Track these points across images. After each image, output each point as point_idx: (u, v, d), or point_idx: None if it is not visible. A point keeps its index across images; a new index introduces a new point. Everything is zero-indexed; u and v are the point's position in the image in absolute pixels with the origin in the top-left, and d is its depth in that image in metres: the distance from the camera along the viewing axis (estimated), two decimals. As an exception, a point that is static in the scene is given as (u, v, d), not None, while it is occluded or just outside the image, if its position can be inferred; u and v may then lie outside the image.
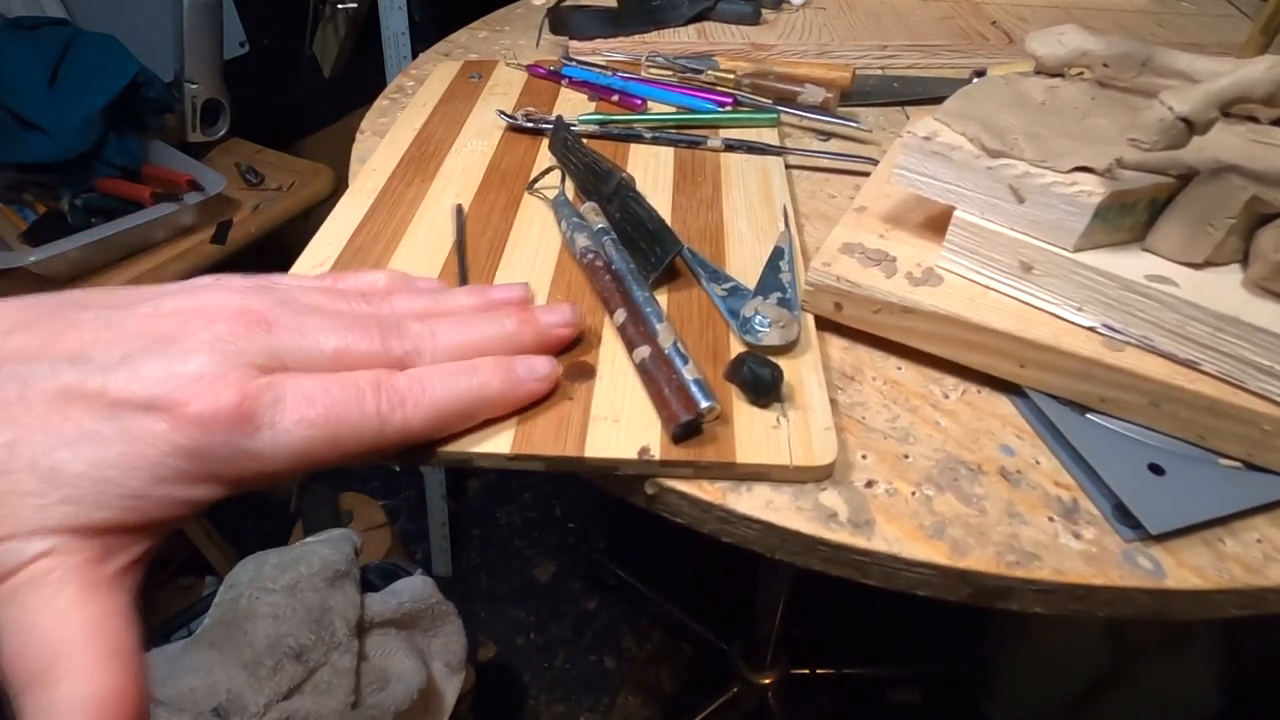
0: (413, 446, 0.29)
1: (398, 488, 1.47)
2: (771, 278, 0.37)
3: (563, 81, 0.59)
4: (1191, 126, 0.28)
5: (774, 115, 0.53)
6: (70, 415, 0.21)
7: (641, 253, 0.38)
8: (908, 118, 0.58)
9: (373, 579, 0.85)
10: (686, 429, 0.29)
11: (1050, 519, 0.29)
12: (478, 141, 0.51)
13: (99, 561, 0.21)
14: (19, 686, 0.20)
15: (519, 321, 0.31)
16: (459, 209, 0.42)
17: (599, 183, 0.43)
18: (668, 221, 0.40)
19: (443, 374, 0.28)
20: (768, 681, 1.09)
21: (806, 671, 1.15)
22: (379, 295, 0.31)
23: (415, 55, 0.78)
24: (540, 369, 0.30)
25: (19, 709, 0.19)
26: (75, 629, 0.20)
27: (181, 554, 1.17)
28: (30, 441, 0.21)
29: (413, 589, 0.83)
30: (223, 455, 0.23)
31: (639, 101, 0.55)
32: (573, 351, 0.34)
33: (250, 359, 0.24)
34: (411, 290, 0.32)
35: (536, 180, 0.46)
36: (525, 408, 0.30)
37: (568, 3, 0.71)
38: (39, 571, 0.20)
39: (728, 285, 0.37)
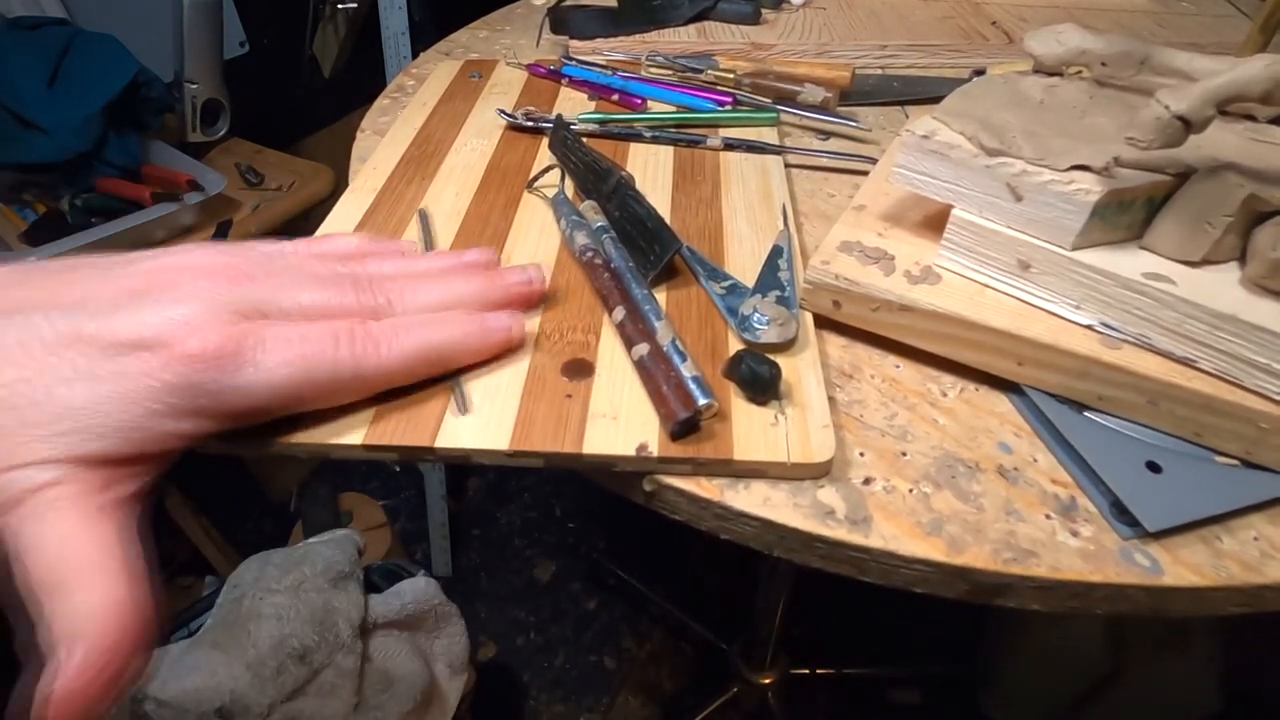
0: (409, 446, 0.29)
1: (398, 488, 1.47)
2: (770, 276, 0.38)
3: (563, 81, 0.59)
4: (1188, 125, 0.28)
5: (774, 114, 0.53)
6: (68, 357, 0.23)
7: (640, 251, 0.38)
8: (907, 117, 0.58)
9: (376, 580, 0.85)
10: (684, 426, 0.29)
11: (1048, 516, 0.29)
12: (478, 140, 0.51)
13: (101, 490, 0.23)
14: (34, 604, 0.21)
15: (486, 279, 0.34)
16: (422, 214, 0.43)
17: (598, 181, 0.43)
18: (667, 220, 0.40)
19: (415, 322, 0.30)
20: (768, 681, 1.09)
21: (806, 671, 1.15)
22: (354, 258, 0.33)
23: (415, 55, 0.78)
24: (505, 320, 0.33)
25: (38, 624, 0.21)
26: (84, 548, 0.22)
27: (181, 554, 1.17)
28: (32, 381, 0.23)
29: (416, 590, 0.83)
30: (209, 390, 0.25)
31: (639, 101, 0.55)
32: (571, 349, 0.34)
33: (234, 307, 0.26)
34: (384, 253, 0.35)
35: (536, 179, 0.46)
36: (495, 357, 0.33)
37: (568, 2, 0.71)
38: (47, 498, 0.22)
39: (726, 283, 0.37)
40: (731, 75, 0.57)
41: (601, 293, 0.36)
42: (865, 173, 0.49)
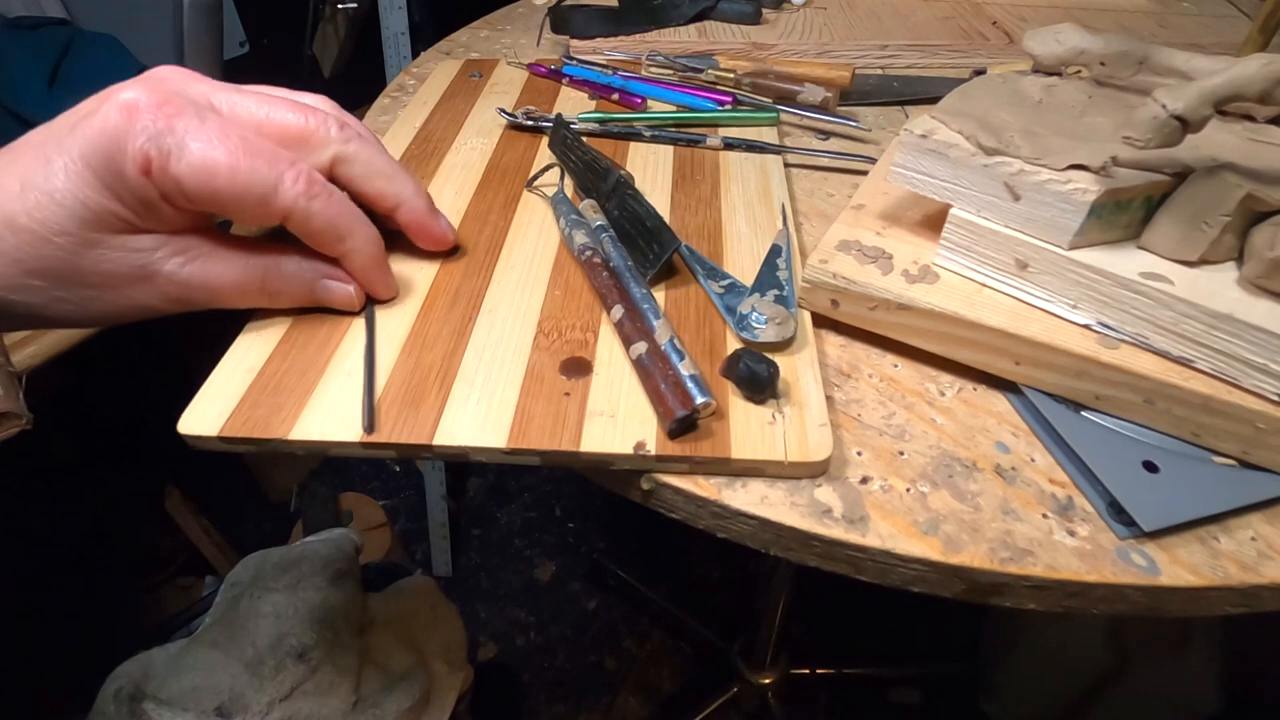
0: (407, 444, 0.29)
1: (398, 488, 1.47)
2: (769, 275, 0.38)
3: (563, 80, 0.59)
4: (1185, 124, 0.28)
5: (774, 114, 0.53)
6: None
7: (639, 250, 0.38)
8: (907, 117, 0.58)
9: (373, 578, 0.85)
10: (682, 424, 0.29)
11: (1044, 516, 0.29)
12: (478, 139, 0.51)
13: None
14: None
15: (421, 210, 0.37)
16: (369, 305, 0.36)
17: (598, 180, 0.43)
18: (666, 219, 0.40)
19: (347, 202, 0.33)
20: (768, 681, 1.10)
21: (806, 671, 1.15)
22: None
23: (415, 55, 0.78)
24: (385, 278, 0.36)
25: None
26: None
27: (181, 554, 1.17)
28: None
29: (413, 588, 0.84)
30: (134, 146, 0.28)
31: (639, 100, 0.55)
32: (569, 347, 0.34)
33: (185, 95, 0.30)
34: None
35: (536, 178, 0.46)
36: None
37: (569, 2, 0.71)
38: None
39: (725, 282, 0.38)
40: (731, 75, 0.57)
41: (600, 291, 0.36)
42: (865, 172, 0.49)
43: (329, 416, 0.30)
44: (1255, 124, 0.34)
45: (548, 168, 0.47)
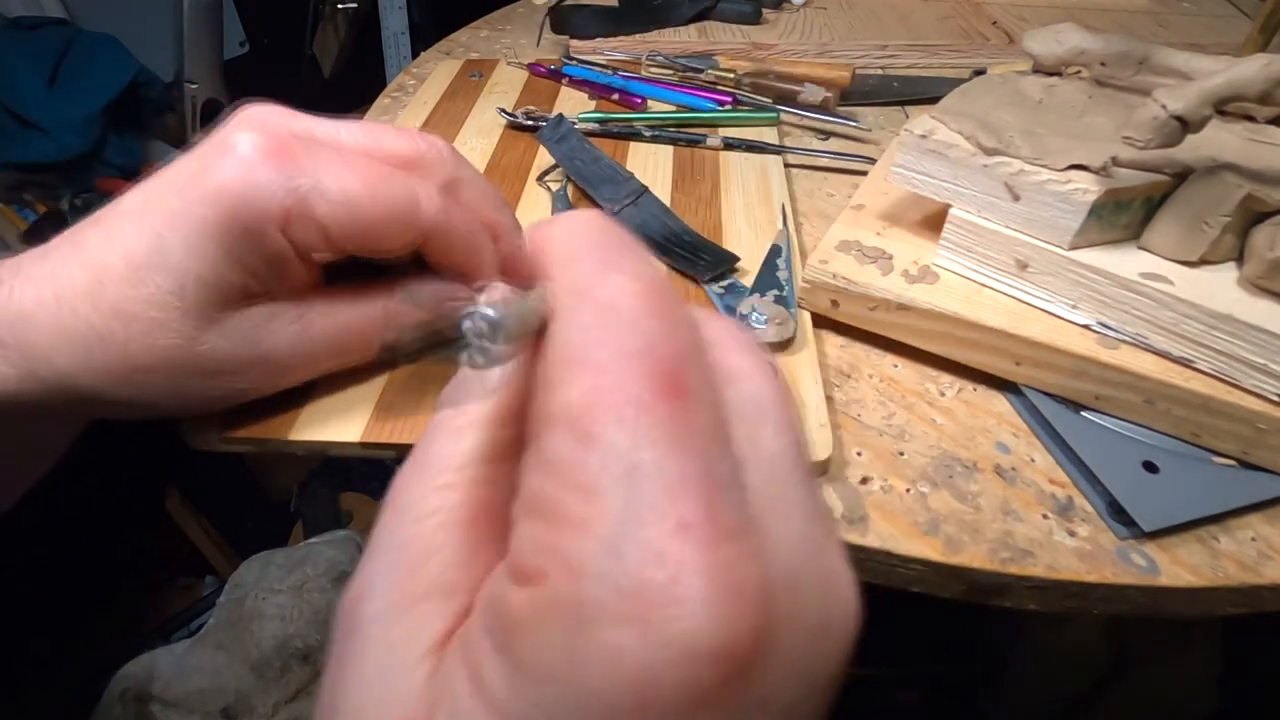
0: (407, 444, 0.29)
1: (398, 487, 1.47)
2: (769, 275, 0.38)
3: (563, 80, 0.59)
4: (1185, 124, 0.28)
5: (774, 114, 0.53)
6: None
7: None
8: (907, 117, 0.58)
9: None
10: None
11: (1045, 516, 0.29)
12: (478, 139, 0.51)
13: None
14: None
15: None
16: None
17: (614, 190, 0.43)
18: (665, 220, 0.40)
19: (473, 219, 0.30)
20: (767, 681, 1.09)
21: (806, 671, 1.15)
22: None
23: (415, 55, 0.78)
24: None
25: None
26: None
27: (181, 554, 1.17)
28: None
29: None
30: (270, 199, 0.25)
31: (639, 100, 0.55)
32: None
33: (293, 132, 0.27)
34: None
35: (546, 174, 0.46)
36: None
37: (569, 2, 0.71)
38: None
39: (725, 282, 0.38)
40: (731, 75, 0.57)
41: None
42: (865, 173, 0.49)
43: (329, 416, 0.30)
44: (1255, 124, 0.34)
45: (555, 167, 0.47)
